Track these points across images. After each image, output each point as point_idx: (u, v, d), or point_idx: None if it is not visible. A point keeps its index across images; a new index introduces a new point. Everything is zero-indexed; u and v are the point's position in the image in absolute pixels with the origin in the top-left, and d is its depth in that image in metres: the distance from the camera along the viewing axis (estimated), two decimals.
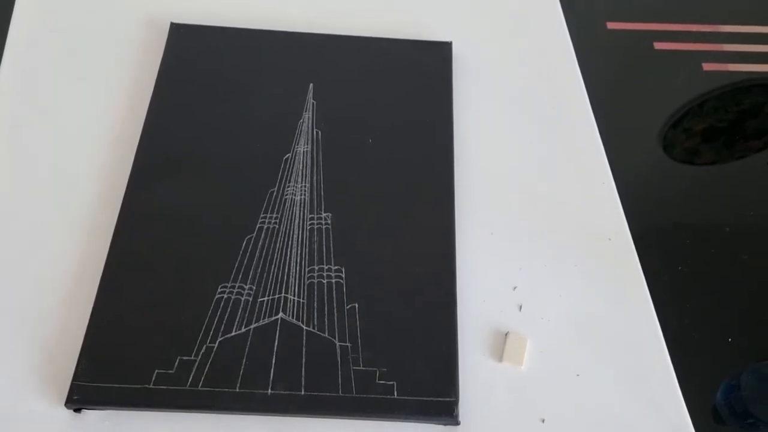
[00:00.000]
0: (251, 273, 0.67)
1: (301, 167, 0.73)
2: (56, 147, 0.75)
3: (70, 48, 0.82)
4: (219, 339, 0.63)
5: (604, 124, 0.84)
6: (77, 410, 0.60)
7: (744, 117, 1.18)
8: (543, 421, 0.63)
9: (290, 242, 0.69)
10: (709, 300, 1.15)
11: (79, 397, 0.59)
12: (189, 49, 0.82)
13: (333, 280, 0.67)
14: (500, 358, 0.66)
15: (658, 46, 1.19)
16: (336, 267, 0.67)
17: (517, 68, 0.87)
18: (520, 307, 0.69)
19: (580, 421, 0.63)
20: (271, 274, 0.67)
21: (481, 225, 0.74)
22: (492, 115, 0.82)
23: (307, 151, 0.75)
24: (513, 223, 0.75)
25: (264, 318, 0.64)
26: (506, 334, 0.67)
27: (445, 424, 0.62)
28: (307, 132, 0.76)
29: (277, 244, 0.68)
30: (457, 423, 0.61)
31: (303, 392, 0.61)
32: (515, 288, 0.70)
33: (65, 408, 0.59)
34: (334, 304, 0.66)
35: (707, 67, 1.18)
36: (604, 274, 0.72)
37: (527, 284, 0.71)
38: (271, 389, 0.61)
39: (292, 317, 0.64)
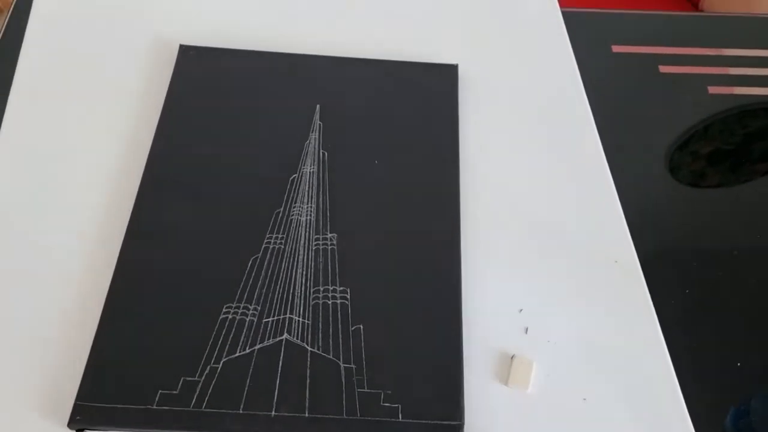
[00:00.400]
0: (256, 293, 0.66)
1: (307, 188, 0.74)
2: (64, 167, 0.75)
3: (79, 70, 0.83)
4: (223, 359, 0.62)
5: (610, 147, 0.84)
6: (80, 431, 0.60)
7: (750, 140, 1.17)
8: None
9: (296, 263, 0.69)
10: (717, 324, 1.13)
11: (82, 418, 0.59)
12: (198, 71, 0.83)
13: (338, 301, 0.67)
14: (506, 381, 0.65)
15: (663, 69, 1.19)
16: (341, 288, 0.67)
17: (523, 91, 0.87)
18: (526, 329, 0.68)
19: None
20: (276, 295, 0.67)
21: (486, 247, 0.73)
22: (498, 137, 0.82)
23: (313, 172, 0.75)
24: (519, 245, 0.74)
25: (268, 339, 0.64)
26: (512, 357, 0.66)
27: None
28: (314, 153, 0.77)
29: (283, 265, 0.68)
30: None
31: (307, 414, 0.60)
32: (521, 310, 0.70)
33: (68, 429, 0.59)
34: (339, 326, 0.65)
35: (713, 90, 1.18)
36: (610, 297, 0.71)
37: (533, 307, 0.70)
38: (275, 411, 0.60)
39: (297, 338, 0.64)
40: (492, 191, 0.78)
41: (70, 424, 0.59)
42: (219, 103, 0.80)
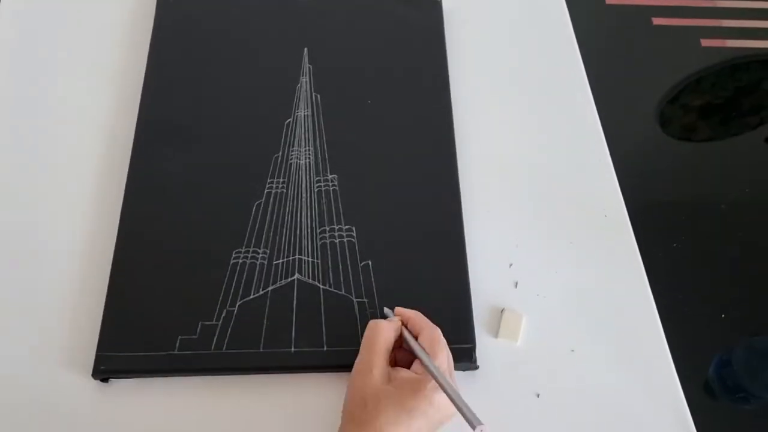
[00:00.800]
0: (264, 237, 0.67)
1: (303, 131, 0.74)
2: (55, 120, 0.75)
3: (61, 21, 0.82)
4: (238, 302, 0.64)
5: (601, 100, 0.83)
6: (104, 380, 0.61)
7: (741, 93, 1.19)
8: (538, 395, 0.64)
9: (299, 205, 0.70)
10: (703, 276, 1.15)
11: (106, 367, 0.60)
12: (180, 19, 0.81)
13: (345, 240, 0.68)
14: (496, 334, 0.66)
15: (657, 21, 1.19)
16: (347, 227, 0.68)
17: (513, 42, 0.85)
18: (516, 283, 0.69)
19: (575, 396, 0.64)
20: (284, 237, 0.68)
21: (477, 202, 0.73)
22: (486, 86, 0.81)
23: (307, 115, 0.75)
24: (509, 199, 0.74)
25: (280, 280, 0.65)
26: (502, 311, 0.67)
27: (464, 370, 0.64)
28: (306, 96, 0.76)
29: (287, 208, 0.69)
30: (476, 367, 0.63)
31: (325, 348, 0.62)
32: (511, 265, 0.70)
33: (93, 379, 0.60)
34: (348, 263, 0.67)
35: (705, 42, 1.19)
36: (600, 251, 0.72)
37: (523, 261, 0.70)
38: (295, 347, 0.62)
39: (308, 277, 0.66)
40: (481, 147, 0.77)
41: (94, 374, 0.60)
42: (205, 50, 0.79)
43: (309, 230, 0.68)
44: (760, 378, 1.43)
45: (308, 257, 0.67)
